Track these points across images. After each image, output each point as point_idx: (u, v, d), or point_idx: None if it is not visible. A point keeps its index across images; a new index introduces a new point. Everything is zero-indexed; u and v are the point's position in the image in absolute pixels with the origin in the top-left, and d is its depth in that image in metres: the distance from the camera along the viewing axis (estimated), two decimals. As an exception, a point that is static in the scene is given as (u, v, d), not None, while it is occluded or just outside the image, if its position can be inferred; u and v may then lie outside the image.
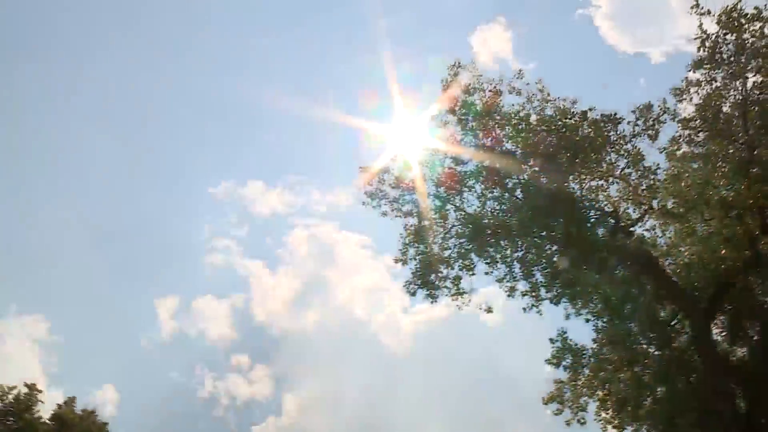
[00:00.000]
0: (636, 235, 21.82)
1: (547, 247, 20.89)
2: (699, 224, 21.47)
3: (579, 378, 22.72)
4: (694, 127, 20.33)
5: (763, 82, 18.66)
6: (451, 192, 20.82)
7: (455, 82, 20.30)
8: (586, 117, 19.82)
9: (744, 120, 18.95)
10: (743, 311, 21.83)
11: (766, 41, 18.14)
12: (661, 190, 20.40)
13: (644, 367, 22.04)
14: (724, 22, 18.46)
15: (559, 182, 19.99)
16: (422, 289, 21.64)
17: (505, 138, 20.27)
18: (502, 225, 20.54)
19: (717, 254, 20.85)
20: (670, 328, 22.23)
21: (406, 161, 21.16)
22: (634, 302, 21.68)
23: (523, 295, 21.49)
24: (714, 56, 18.89)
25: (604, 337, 22.43)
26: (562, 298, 21.38)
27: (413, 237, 21.36)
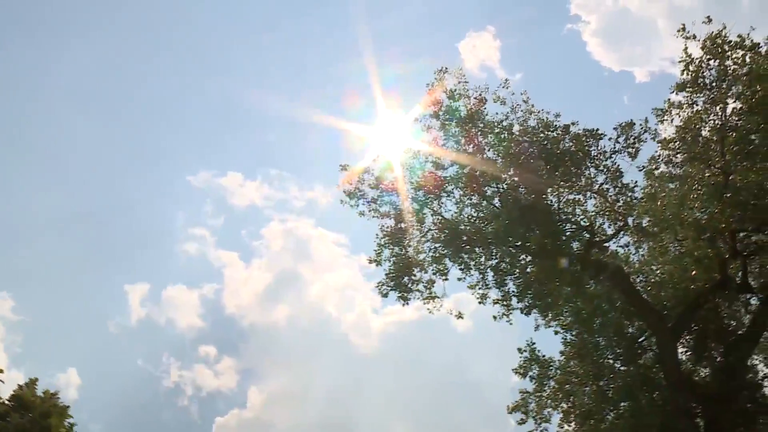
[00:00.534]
0: (610, 251, 22.12)
1: (522, 257, 21.00)
2: (672, 244, 21.78)
3: (544, 389, 22.84)
4: (673, 148, 20.62)
5: (742, 109, 18.94)
6: (429, 196, 20.86)
7: (441, 87, 20.35)
8: (568, 131, 19.99)
9: (722, 145, 19.21)
10: (709, 332, 22.18)
11: (747, 69, 18.42)
12: (638, 207, 20.63)
13: (609, 382, 22.22)
14: (708, 47, 18.75)
15: (537, 193, 20.13)
16: (395, 291, 21.67)
17: (486, 146, 20.38)
18: (478, 232, 20.60)
19: (687, 275, 21.19)
20: (637, 345, 22.47)
21: (387, 162, 21.16)
22: (604, 317, 21.92)
23: (495, 303, 21.64)
24: (697, 80, 19.17)
25: (572, 350, 22.63)
26: (533, 309, 21.51)
27: (389, 238, 21.36)
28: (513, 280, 21.25)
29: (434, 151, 20.60)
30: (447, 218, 21.15)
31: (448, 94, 20.35)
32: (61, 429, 29.47)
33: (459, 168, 20.62)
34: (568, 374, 22.67)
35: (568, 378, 22.60)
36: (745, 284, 20.95)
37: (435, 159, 20.73)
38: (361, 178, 21.33)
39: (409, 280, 21.52)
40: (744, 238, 20.91)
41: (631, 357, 22.14)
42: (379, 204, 21.28)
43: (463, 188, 20.85)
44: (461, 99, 20.40)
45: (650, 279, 22.68)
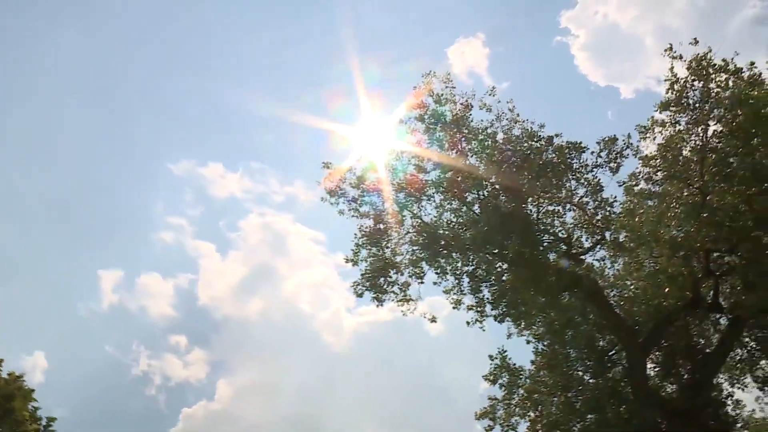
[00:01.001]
0: (586, 264, 22.24)
1: (498, 264, 21.08)
2: (647, 260, 21.96)
3: (513, 397, 22.97)
4: (653, 165, 20.82)
5: (722, 132, 19.18)
6: (410, 199, 20.87)
7: (428, 91, 20.36)
8: (551, 142, 20.10)
9: (701, 166, 19.42)
10: (678, 349, 22.44)
11: (729, 93, 18.65)
12: (616, 222, 20.79)
13: (578, 394, 22.37)
14: (693, 68, 18.95)
15: (517, 202, 20.22)
16: (370, 292, 21.65)
17: (470, 152, 20.41)
18: (456, 237, 20.65)
19: (660, 291, 21.34)
20: (607, 358, 22.67)
21: (369, 163, 21.12)
22: (576, 329, 22.07)
23: (469, 309, 21.72)
24: (681, 100, 19.37)
25: (542, 360, 22.78)
26: (506, 317, 21.56)
27: (367, 239, 21.33)
28: (488, 287, 21.35)
29: (417, 154, 20.61)
30: (426, 222, 21.18)
31: (435, 98, 20.39)
32: (24, 412, 28.96)
33: (441, 172, 20.64)
34: (538, 384, 22.83)
35: (537, 387, 22.75)
36: (715, 304, 21.19)
37: (418, 162, 20.74)
38: (343, 177, 21.28)
39: (385, 281, 21.51)
40: (717, 258, 21.16)
41: (601, 370, 22.33)
42: (359, 204, 21.25)
43: (444, 192, 20.89)
44: (447, 103, 20.44)
45: (624, 294, 22.87)
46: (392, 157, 20.85)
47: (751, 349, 22.73)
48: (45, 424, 22.42)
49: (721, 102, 18.86)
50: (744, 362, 23.05)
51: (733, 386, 23.42)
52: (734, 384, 23.41)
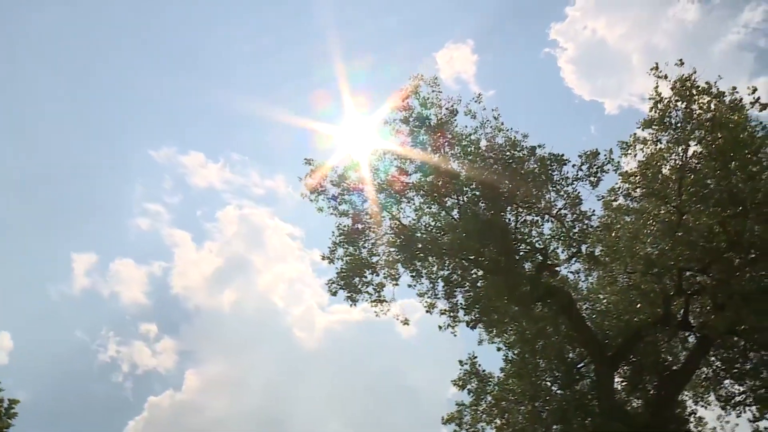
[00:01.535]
0: (561, 275, 22.42)
1: (474, 271, 21.14)
2: (621, 275, 22.19)
3: (481, 403, 23.06)
4: (633, 182, 20.97)
5: (702, 153, 19.42)
6: (390, 200, 20.84)
7: (414, 93, 20.35)
8: (534, 152, 20.15)
9: (679, 185, 19.64)
10: (645, 365, 22.65)
11: (710, 115, 18.86)
12: (592, 236, 20.95)
13: (545, 404, 22.53)
14: (677, 89, 19.13)
15: (496, 210, 20.27)
16: (344, 290, 21.59)
17: (452, 157, 20.42)
18: (433, 241, 20.65)
19: (632, 307, 21.60)
20: (575, 370, 22.85)
21: (352, 162, 21.05)
22: (547, 340, 22.24)
23: (442, 314, 21.76)
24: (663, 119, 19.53)
25: (512, 368, 22.88)
26: (478, 324, 21.67)
27: (345, 237, 21.26)
28: (462, 293, 21.41)
29: (400, 156, 20.58)
30: (405, 224, 21.17)
31: (421, 101, 20.38)
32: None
33: (422, 175, 20.64)
34: (506, 391, 22.94)
35: (505, 395, 22.87)
36: (685, 322, 21.43)
37: (400, 164, 20.72)
38: (324, 175, 21.19)
39: (360, 281, 21.47)
40: (689, 278, 21.39)
41: (569, 381, 22.49)
42: (339, 202, 21.16)
43: (424, 196, 20.90)
44: (433, 107, 20.44)
45: (596, 307, 23.07)
46: (375, 158, 20.79)
47: (716, 369, 23.01)
48: (7, 406, 22.06)
49: (702, 124, 19.07)
50: (709, 381, 23.33)
51: (696, 404, 23.73)
52: (698, 402, 23.71)
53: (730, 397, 22.89)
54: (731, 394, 22.91)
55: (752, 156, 18.87)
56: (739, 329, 20.61)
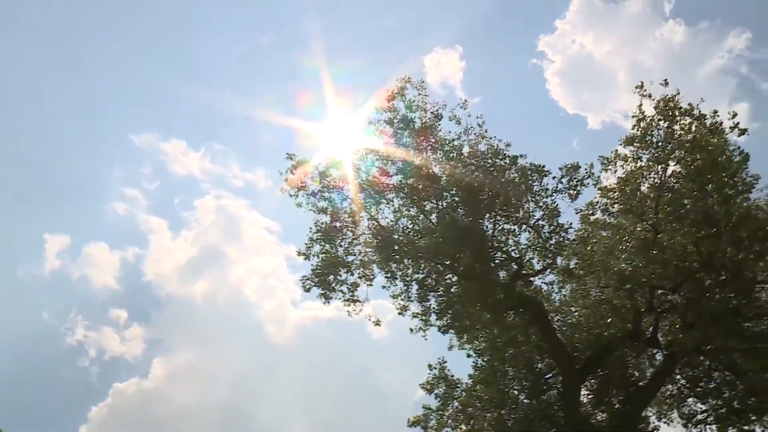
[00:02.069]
0: (534, 286, 22.53)
1: (448, 276, 21.15)
2: (594, 289, 22.39)
3: (447, 408, 23.10)
4: (611, 197, 21.21)
5: (680, 173, 19.67)
6: (369, 200, 20.78)
7: (400, 95, 20.31)
8: (515, 162, 20.20)
9: (657, 203, 19.88)
10: (612, 379, 22.79)
11: (691, 137, 19.11)
12: (568, 249, 21.07)
13: (511, 412, 22.63)
14: (661, 108, 19.38)
15: (474, 217, 20.30)
16: (318, 288, 21.48)
17: (434, 162, 20.41)
18: (410, 244, 20.63)
19: (603, 321, 21.78)
20: (543, 381, 22.94)
21: (334, 160, 20.94)
22: (517, 348, 22.33)
23: (414, 317, 21.73)
24: (645, 137, 19.78)
25: (480, 375, 22.95)
26: (450, 329, 21.64)
27: (322, 235, 21.16)
28: (436, 297, 21.40)
29: (382, 157, 20.52)
30: (382, 225, 21.10)
31: (407, 103, 20.34)
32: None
33: (403, 177, 20.61)
34: (473, 398, 23.00)
35: (471, 401, 22.93)
36: (654, 339, 21.66)
37: (382, 164, 20.65)
38: (305, 171, 21.08)
39: (334, 279, 21.37)
40: (661, 295, 21.64)
41: (536, 391, 22.59)
42: (318, 199, 21.06)
43: (403, 198, 20.87)
44: (418, 110, 20.42)
45: (567, 320, 23.20)
46: (357, 157, 20.72)
47: (681, 387, 23.30)
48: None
49: (683, 144, 19.31)
50: (673, 398, 23.61)
51: (659, 420, 24.00)
52: (661, 418, 23.99)
53: (693, 415, 23.20)
54: (694, 412, 23.23)
55: (729, 179, 19.15)
56: (706, 349, 20.95)
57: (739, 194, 19.78)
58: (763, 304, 20.48)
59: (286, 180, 21.12)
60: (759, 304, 20.48)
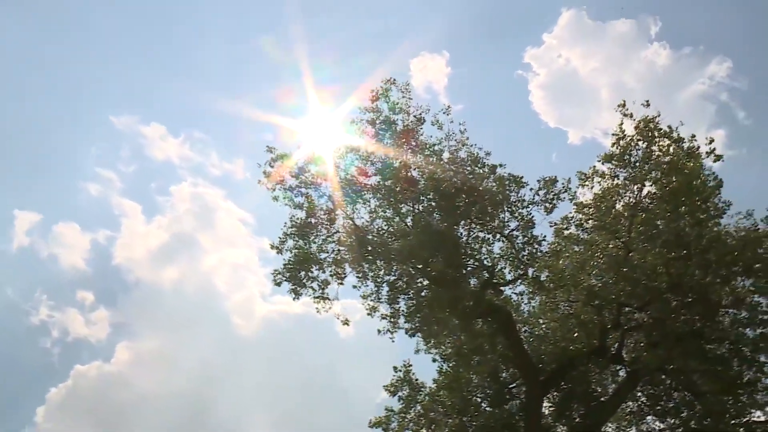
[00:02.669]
0: (504, 295, 22.61)
1: (420, 280, 21.11)
2: (563, 303, 22.56)
3: (410, 412, 23.12)
4: (586, 213, 21.43)
5: (655, 194, 19.92)
6: (346, 199, 20.71)
7: (384, 96, 20.27)
8: (494, 171, 20.25)
9: (630, 222, 20.11)
10: (575, 393, 23.00)
11: (668, 159, 19.37)
12: (540, 261, 21.16)
13: (472, 419, 22.73)
14: (641, 129, 19.63)
15: (449, 223, 20.30)
16: (288, 283, 21.35)
17: (413, 165, 20.40)
18: (384, 245, 20.59)
19: (569, 335, 21.97)
20: (506, 390, 23.09)
21: (314, 156, 20.84)
22: (483, 356, 22.40)
23: (383, 318, 21.65)
24: (623, 156, 20.02)
25: (445, 381, 22.98)
26: (418, 332, 21.67)
27: (296, 230, 21.05)
28: (406, 300, 21.33)
29: (362, 157, 20.47)
30: (358, 225, 21.05)
31: (390, 105, 20.31)
32: None
33: (381, 179, 20.57)
34: (436, 403, 23.05)
35: (434, 406, 22.98)
36: (618, 356, 21.89)
37: (361, 164, 20.60)
38: (284, 165, 20.95)
39: (306, 275, 21.24)
40: (628, 313, 21.86)
41: (499, 400, 22.72)
42: (295, 194, 20.94)
43: (380, 199, 20.82)
44: (401, 113, 20.39)
45: (535, 331, 23.36)
46: (337, 155, 20.63)
47: (641, 404, 23.54)
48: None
49: (660, 166, 19.57)
50: (633, 415, 23.85)
51: (618, 436, 24.23)
52: (619, 434, 24.22)
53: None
54: (652, 430, 23.53)
55: (702, 203, 19.47)
56: (668, 368, 21.18)
57: (710, 219, 20.12)
58: (725, 328, 20.78)
59: (265, 172, 20.99)
60: (722, 327, 20.78)
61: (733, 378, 20.26)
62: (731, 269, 19.88)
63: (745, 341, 20.35)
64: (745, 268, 19.84)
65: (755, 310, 20.25)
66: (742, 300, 20.28)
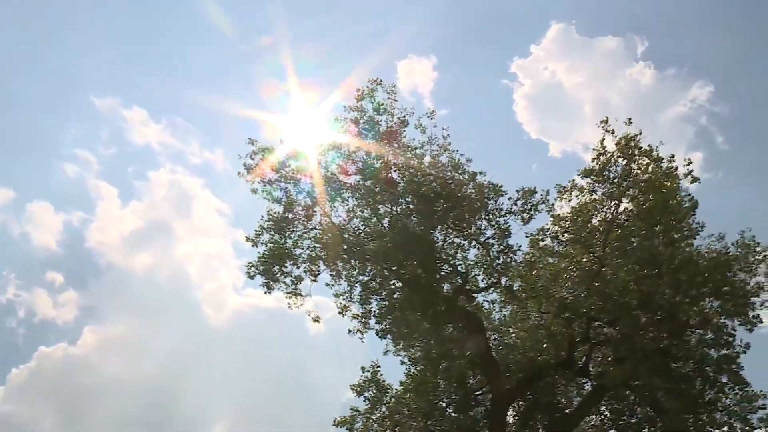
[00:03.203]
0: (477, 302, 22.70)
1: (393, 282, 21.14)
2: (534, 313, 22.64)
3: (375, 413, 23.07)
4: (563, 226, 21.54)
5: (632, 212, 20.10)
6: (324, 196, 20.66)
7: (370, 96, 20.25)
8: (474, 178, 20.34)
9: (605, 237, 20.26)
10: (540, 403, 23.08)
11: (646, 177, 19.55)
12: (514, 270, 21.27)
13: (437, 423, 22.71)
14: (621, 146, 19.77)
15: (426, 227, 20.35)
16: (262, 276, 21.30)
17: (394, 167, 20.40)
18: (359, 245, 20.61)
19: (538, 346, 22.03)
20: (472, 397, 23.11)
21: (295, 151, 20.76)
22: (451, 362, 22.43)
23: (354, 318, 21.69)
24: (603, 172, 20.16)
25: (411, 384, 22.94)
26: (388, 334, 21.72)
27: (273, 224, 20.97)
28: (378, 301, 21.40)
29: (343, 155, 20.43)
30: (334, 223, 21.01)
31: (375, 105, 20.30)
32: None
33: (361, 179, 20.54)
34: (401, 405, 23.03)
35: (400, 408, 22.95)
36: (585, 369, 22.02)
37: (342, 162, 20.56)
38: (265, 158, 20.86)
39: (279, 270, 21.22)
40: (598, 327, 21.97)
41: (464, 406, 22.71)
42: (274, 188, 20.87)
43: (359, 199, 20.80)
44: (385, 114, 20.39)
45: (504, 340, 23.46)
46: (318, 152, 20.57)
47: (604, 418, 23.66)
48: None
49: (638, 183, 19.74)
50: (596, 428, 23.96)
51: (579, 449, 24.37)
52: (581, 447, 24.37)
53: (611, 447, 23.65)
54: (613, 444, 23.67)
55: (677, 223, 19.71)
56: (633, 384, 21.32)
57: (684, 239, 20.36)
58: (691, 347, 21.01)
59: (245, 164, 20.91)
60: (688, 347, 21.00)
61: (695, 397, 20.47)
62: (700, 290, 20.11)
63: (709, 361, 20.58)
64: (714, 290, 20.11)
65: (721, 331, 20.51)
66: (708, 321, 20.53)
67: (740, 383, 20.24)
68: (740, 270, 20.56)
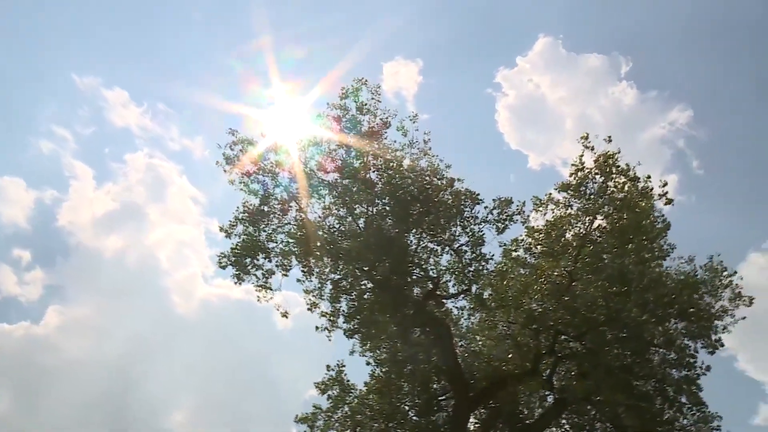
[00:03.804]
0: (446, 308, 22.73)
1: (364, 282, 21.10)
2: (502, 323, 22.73)
3: (337, 412, 22.97)
4: (536, 238, 21.69)
5: (605, 229, 20.29)
6: (301, 192, 20.56)
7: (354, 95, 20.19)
8: (452, 184, 20.38)
9: (578, 253, 20.42)
10: (502, 412, 23.18)
11: (622, 196, 19.75)
12: (485, 279, 21.33)
13: (398, 426, 22.66)
14: (600, 163, 19.97)
15: (401, 230, 20.36)
16: (233, 267, 21.15)
17: (373, 167, 20.37)
18: (333, 243, 20.55)
19: (504, 355, 22.12)
20: (435, 402, 23.11)
21: (275, 145, 20.63)
22: (416, 366, 22.43)
23: (322, 315, 21.67)
24: (579, 187, 20.33)
25: (375, 385, 22.92)
26: (356, 334, 21.66)
27: (247, 216, 20.82)
28: (347, 301, 21.34)
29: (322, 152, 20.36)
30: (310, 219, 20.92)
31: (358, 105, 20.25)
32: None
33: (340, 177, 20.47)
34: (364, 406, 22.95)
35: (362, 409, 22.87)
36: (548, 381, 22.17)
37: (320, 159, 20.48)
38: (245, 150, 20.71)
39: (251, 262, 21.10)
40: (564, 341, 22.15)
41: (427, 411, 22.71)
42: (252, 180, 20.71)
43: (335, 197, 20.74)
44: (368, 114, 20.35)
45: (471, 347, 23.51)
46: (298, 147, 20.47)
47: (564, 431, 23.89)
48: None
49: (613, 201, 19.95)
50: (556, 440, 24.20)
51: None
52: (539, 458, 24.51)
53: (569, 460, 23.83)
54: (571, 458, 23.84)
55: (648, 243, 19.93)
56: (595, 399, 21.53)
57: (654, 259, 20.60)
58: (654, 366, 21.24)
59: (224, 155, 20.74)
60: (651, 365, 21.23)
61: (654, 415, 20.72)
62: (667, 310, 20.38)
63: (670, 381, 20.87)
64: (680, 311, 20.40)
65: (683, 352, 20.81)
66: (673, 341, 20.81)
67: (698, 404, 20.57)
68: (706, 293, 20.92)
